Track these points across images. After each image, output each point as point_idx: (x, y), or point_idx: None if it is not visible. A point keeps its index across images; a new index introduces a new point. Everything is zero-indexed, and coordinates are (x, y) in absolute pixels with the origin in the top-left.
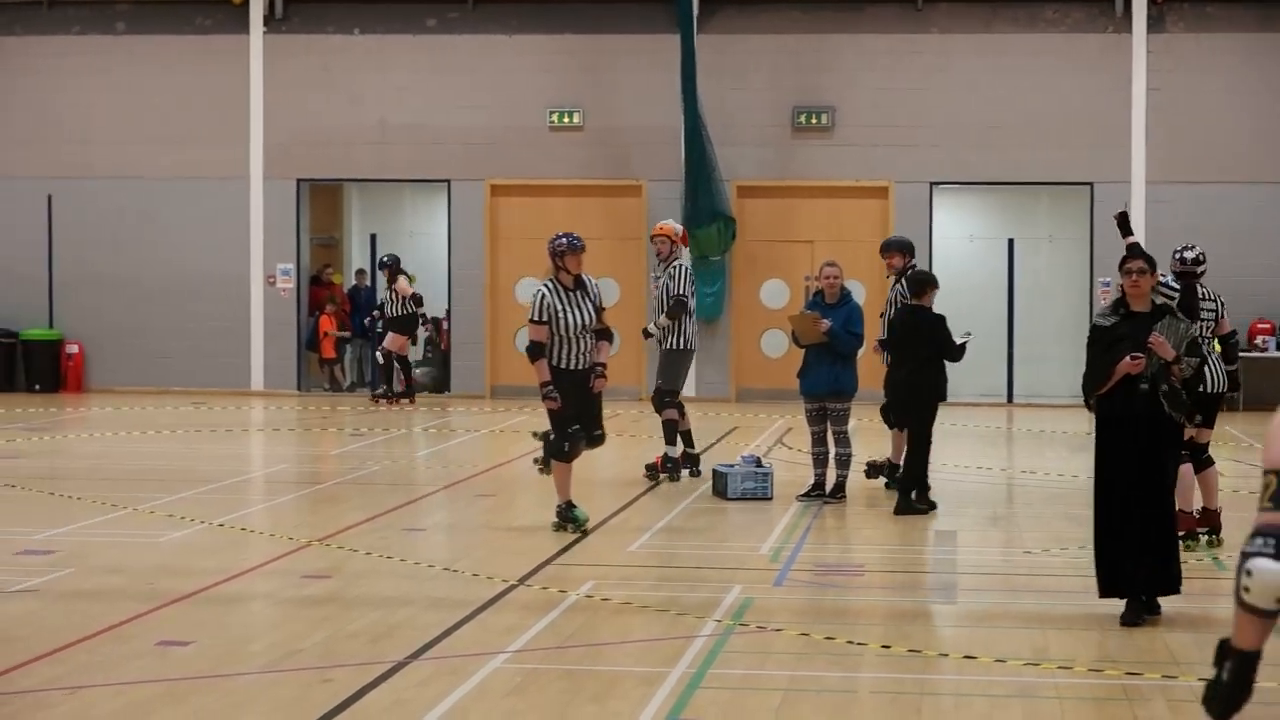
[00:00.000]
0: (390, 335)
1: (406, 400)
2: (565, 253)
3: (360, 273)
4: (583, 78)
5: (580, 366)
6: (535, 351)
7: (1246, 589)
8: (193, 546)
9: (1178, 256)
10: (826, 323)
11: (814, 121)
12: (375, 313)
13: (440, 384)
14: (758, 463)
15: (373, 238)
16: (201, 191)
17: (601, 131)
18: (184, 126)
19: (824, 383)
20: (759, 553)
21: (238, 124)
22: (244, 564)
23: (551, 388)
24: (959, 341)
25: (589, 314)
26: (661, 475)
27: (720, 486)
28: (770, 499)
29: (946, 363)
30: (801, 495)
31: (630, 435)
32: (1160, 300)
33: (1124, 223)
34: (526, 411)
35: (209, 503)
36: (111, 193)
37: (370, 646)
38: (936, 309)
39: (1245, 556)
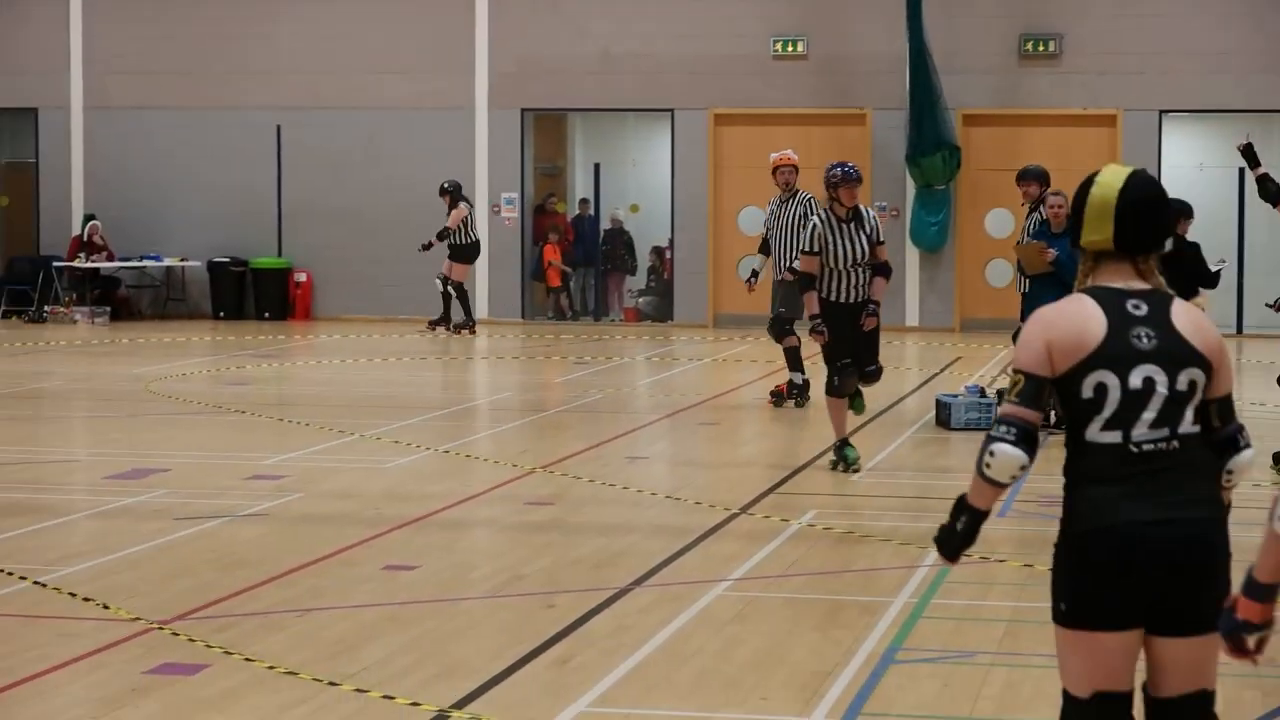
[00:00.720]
0: (456, 265)
1: (468, 330)
2: (839, 184)
3: (584, 202)
4: (807, 5)
5: (852, 300)
6: (805, 283)
7: (988, 465)
8: (418, 472)
9: None
10: (1053, 252)
11: (1041, 49)
12: (434, 239)
13: (663, 313)
14: (981, 393)
15: (596, 167)
16: (427, 122)
17: (825, 60)
18: (410, 57)
19: None
20: None
21: (463, 54)
22: (468, 490)
23: (819, 321)
24: (1213, 269)
25: (862, 247)
26: (788, 401)
27: (944, 417)
28: None
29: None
30: None
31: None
32: None
33: (1249, 154)
34: (749, 341)
35: (434, 429)
36: (339, 123)
37: (593, 573)
38: None
39: (990, 439)
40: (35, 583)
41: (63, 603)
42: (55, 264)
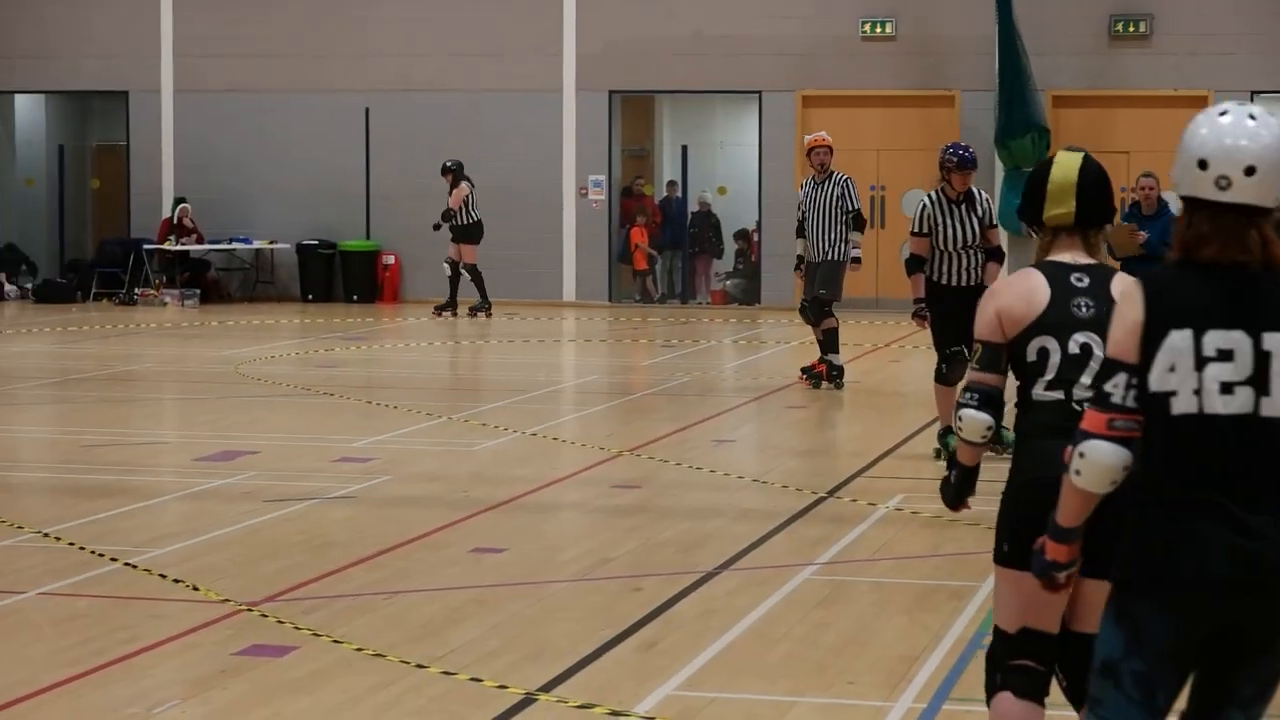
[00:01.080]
0: (464, 246)
1: (484, 313)
2: (952, 169)
3: (671, 184)
4: None
5: (963, 284)
6: (912, 265)
7: (959, 428)
8: (506, 455)
9: None
10: (1143, 234)
11: (1132, 29)
12: (441, 220)
13: (750, 296)
14: None
15: (684, 149)
16: (515, 104)
17: (914, 41)
18: (498, 40)
19: None
20: None
21: (551, 36)
22: (556, 473)
23: (922, 306)
24: None
25: (974, 230)
26: (826, 384)
27: None
28: None
29: None
30: None
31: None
32: None
33: None
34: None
35: (521, 412)
36: (427, 106)
37: (680, 556)
38: None
39: (959, 405)
40: (126, 564)
41: (153, 584)
42: (146, 246)
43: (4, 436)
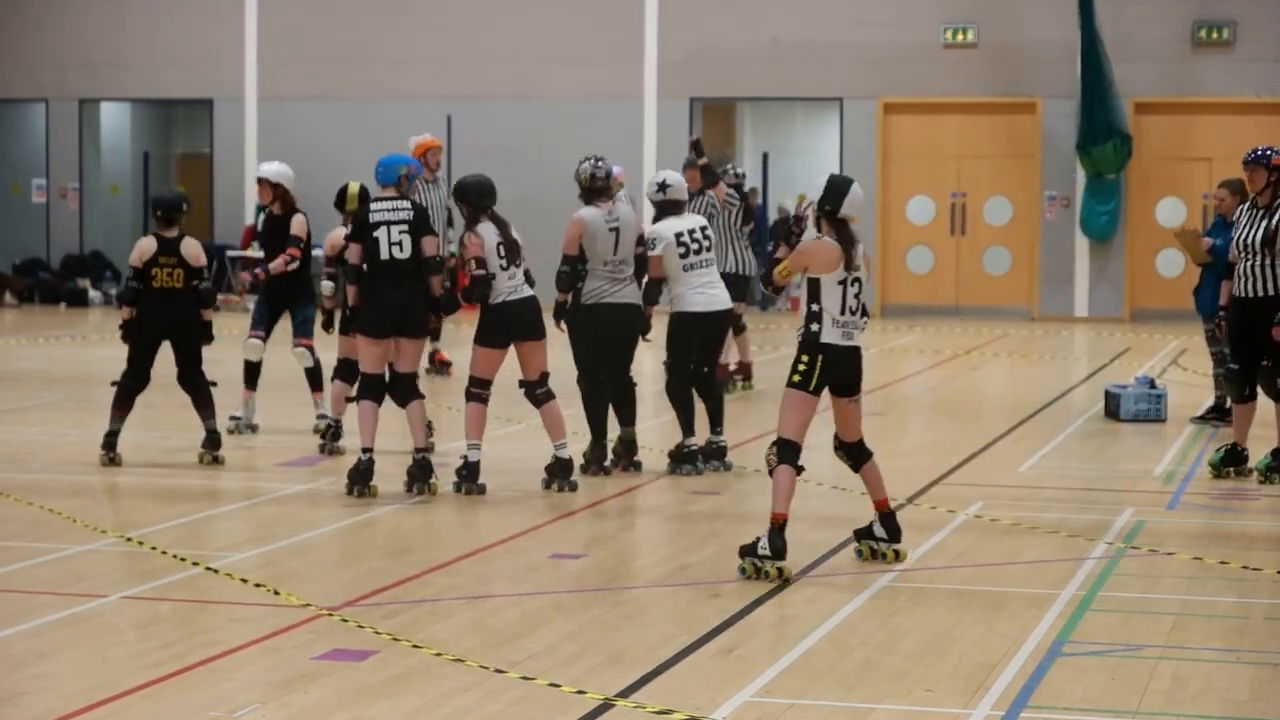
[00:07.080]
0: None
1: None
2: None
3: (752, 191)
4: None
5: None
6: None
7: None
8: None
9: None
10: (1208, 240)
11: (1215, 36)
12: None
13: None
14: (1151, 384)
15: (764, 156)
16: (596, 111)
17: (995, 48)
18: (579, 46)
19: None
20: (1152, 475)
21: (632, 43)
22: (634, 480)
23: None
24: None
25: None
26: None
27: (1113, 407)
28: (1164, 421)
29: None
30: (1196, 417)
31: (1021, 355)
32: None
33: (697, 146)
34: (916, 331)
35: None
36: (508, 113)
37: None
38: None
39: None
40: (207, 568)
41: (234, 588)
42: (229, 253)
43: (88, 441)
